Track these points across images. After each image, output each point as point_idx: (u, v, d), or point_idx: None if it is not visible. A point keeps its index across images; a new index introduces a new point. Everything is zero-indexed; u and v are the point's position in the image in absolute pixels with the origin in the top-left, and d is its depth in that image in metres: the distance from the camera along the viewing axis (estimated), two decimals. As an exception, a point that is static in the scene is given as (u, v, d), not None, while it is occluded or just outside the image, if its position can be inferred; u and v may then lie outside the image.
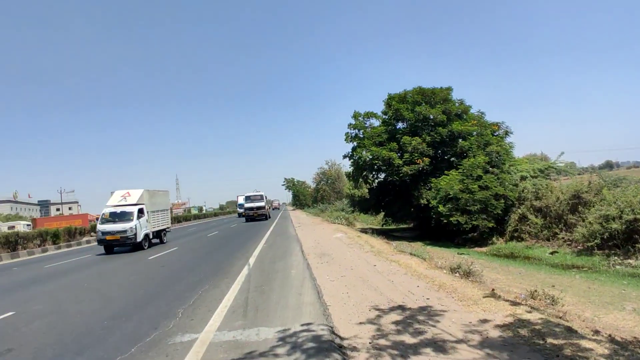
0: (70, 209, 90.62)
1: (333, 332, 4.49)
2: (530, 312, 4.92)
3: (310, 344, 4.12)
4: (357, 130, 28.11)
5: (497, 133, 24.80)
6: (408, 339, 4.16)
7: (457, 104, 25.40)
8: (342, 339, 4.32)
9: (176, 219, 50.04)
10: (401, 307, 5.36)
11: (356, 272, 8.22)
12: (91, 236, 28.86)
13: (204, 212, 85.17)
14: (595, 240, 13.83)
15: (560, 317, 5.02)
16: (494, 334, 4.16)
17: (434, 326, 4.50)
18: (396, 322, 4.72)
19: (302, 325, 4.83)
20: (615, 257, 12.63)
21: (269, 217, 39.86)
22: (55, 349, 4.79)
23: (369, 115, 28.30)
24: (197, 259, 12.44)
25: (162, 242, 19.30)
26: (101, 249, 17.24)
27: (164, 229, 19.78)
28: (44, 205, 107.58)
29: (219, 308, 6.01)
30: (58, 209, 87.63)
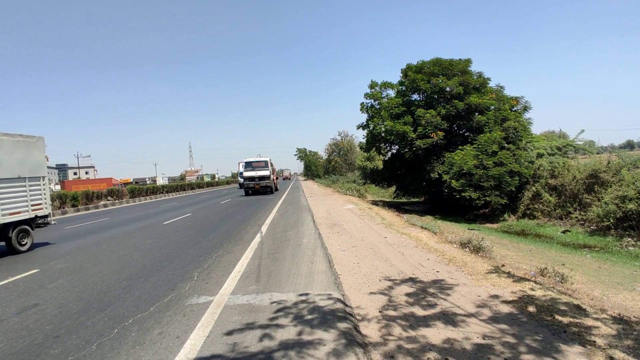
0: (87, 173, 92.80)
1: (344, 301, 4.61)
2: (539, 288, 4.95)
3: (322, 311, 4.25)
4: (372, 101, 27.71)
5: (515, 108, 24.16)
6: (418, 311, 4.25)
7: (475, 77, 24.61)
8: (352, 307, 4.44)
9: (189, 186, 50.83)
10: (411, 279, 5.45)
11: (367, 243, 8.33)
12: (108, 200, 29.66)
13: (216, 179, 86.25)
14: (610, 220, 13.68)
15: (569, 295, 5.05)
16: (503, 308, 4.22)
17: (444, 299, 4.58)
18: (406, 294, 4.82)
19: (314, 292, 4.96)
20: (629, 238, 12.50)
21: (276, 190, 32.90)
22: (78, 305, 5.04)
23: (386, 85, 27.75)
24: (211, 225, 12.71)
25: (13, 249, 9.45)
26: (121, 212, 15.35)
27: (27, 221, 9.99)
28: (62, 169, 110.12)
29: (232, 273, 6.20)
30: (75, 173, 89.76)
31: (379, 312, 4.26)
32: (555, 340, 3.40)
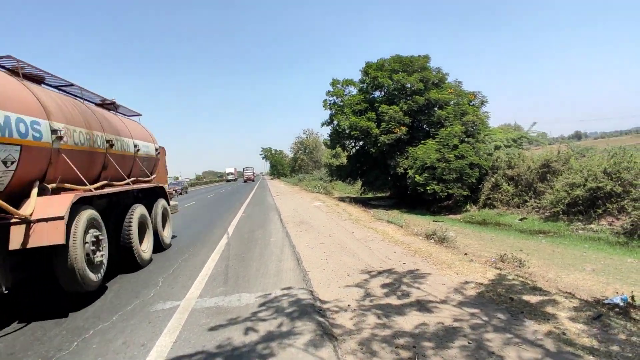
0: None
1: (313, 297, 4.62)
2: (499, 274, 5.19)
3: (291, 309, 4.25)
4: (335, 98, 27.90)
5: (473, 102, 25.08)
6: (386, 301, 4.34)
7: (434, 72, 25.34)
8: (321, 302, 4.47)
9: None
10: (379, 272, 5.55)
11: (335, 239, 8.39)
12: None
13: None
14: (561, 207, 14.54)
15: (527, 278, 5.33)
16: (466, 294, 4.39)
17: (411, 289, 4.70)
18: (375, 286, 4.90)
19: (282, 290, 4.95)
20: (578, 223, 13.36)
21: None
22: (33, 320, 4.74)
23: (348, 83, 28.04)
24: (175, 229, 12.33)
25: None
26: None
27: None
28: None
29: (199, 276, 6.05)
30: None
31: (348, 305, 4.31)
32: (515, 319, 3.59)
